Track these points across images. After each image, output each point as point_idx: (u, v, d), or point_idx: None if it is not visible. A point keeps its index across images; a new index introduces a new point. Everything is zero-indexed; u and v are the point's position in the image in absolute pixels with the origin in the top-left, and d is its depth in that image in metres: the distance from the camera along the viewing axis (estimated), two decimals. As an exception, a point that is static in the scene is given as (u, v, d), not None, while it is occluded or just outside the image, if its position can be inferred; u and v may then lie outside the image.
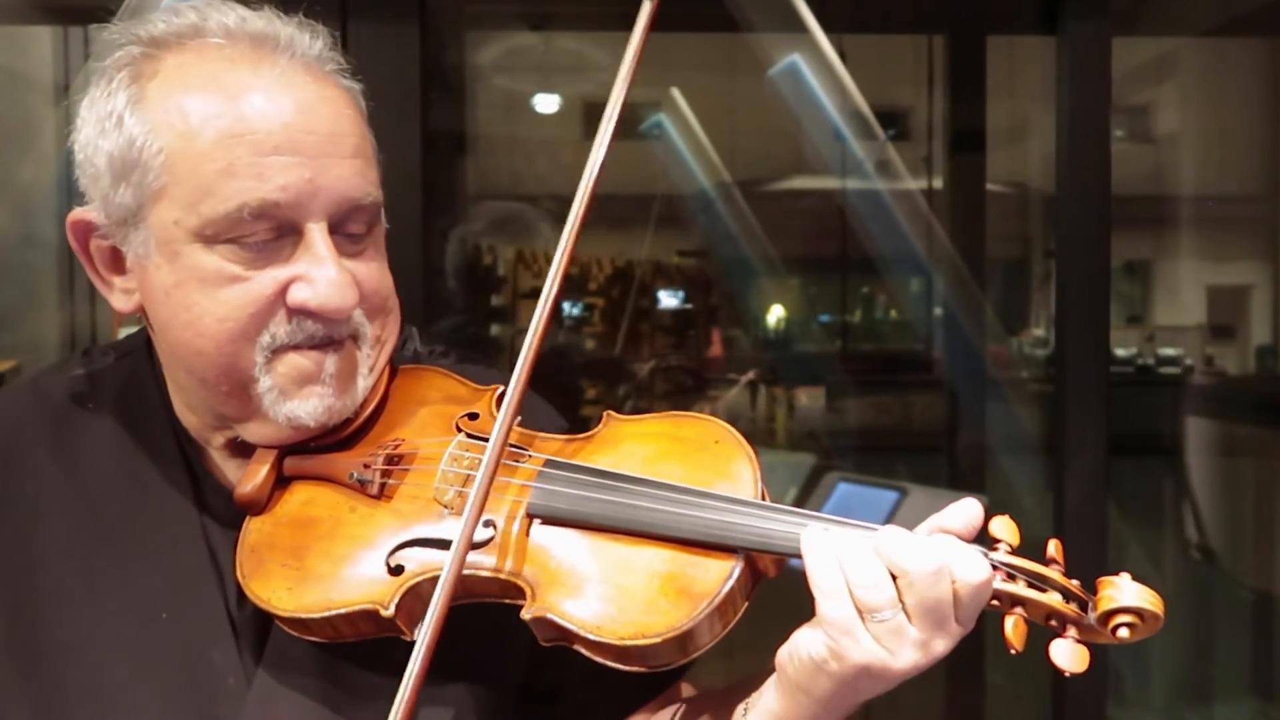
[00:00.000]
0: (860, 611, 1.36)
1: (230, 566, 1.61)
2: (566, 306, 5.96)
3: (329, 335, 1.58)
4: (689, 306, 6.49)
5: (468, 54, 4.54)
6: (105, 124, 1.55)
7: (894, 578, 1.36)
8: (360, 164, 1.59)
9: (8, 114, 3.91)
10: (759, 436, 6.26)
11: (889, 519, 1.45)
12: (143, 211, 1.53)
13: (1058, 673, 1.37)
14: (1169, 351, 8.63)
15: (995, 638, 1.38)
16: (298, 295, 1.53)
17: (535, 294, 5.62)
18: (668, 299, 6.45)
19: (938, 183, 5.44)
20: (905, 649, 1.36)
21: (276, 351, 1.56)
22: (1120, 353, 8.73)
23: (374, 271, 1.64)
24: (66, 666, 1.58)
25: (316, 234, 1.54)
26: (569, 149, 5.88)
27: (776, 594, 1.59)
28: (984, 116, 4.58)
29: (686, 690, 1.78)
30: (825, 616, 1.37)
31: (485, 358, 1.56)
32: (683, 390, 6.08)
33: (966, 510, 1.43)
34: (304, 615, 1.52)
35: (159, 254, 1.54)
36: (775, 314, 7.40)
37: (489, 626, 1.57)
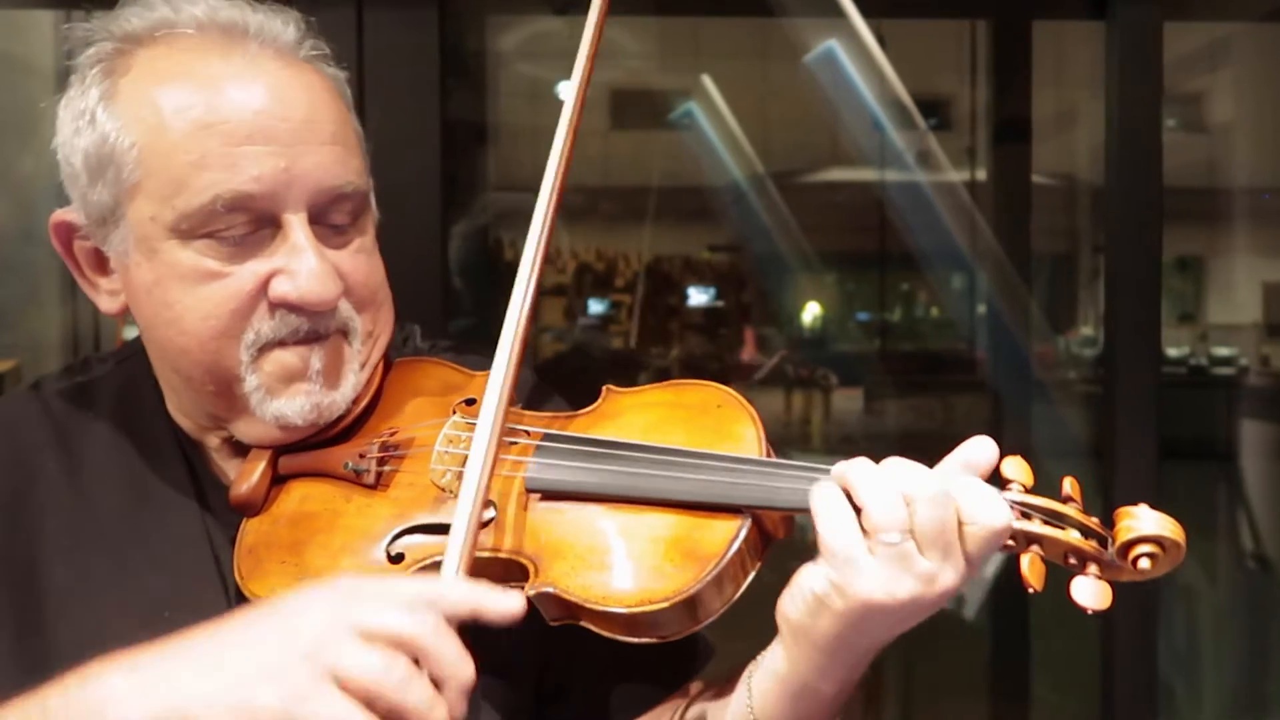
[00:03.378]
0: (867, 534, 1.37)
1: (232, 567, 1.62)
2: (592, 304, 5.97)
3: (314, 329, 1.61)
4: (720, 304, 6.48)
5: (488, 40, 4.54)
6: (79, 122, 1.59)
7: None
8: (339, 151, 1.61)
9: (6, 102, 3.92)
10: (793, 440, 6.26)
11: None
12: (120, 209, 1.57)
13: (1107, 685, 1.37)
14: (1223, 351, 8.58)
15: (1042, 652, 1.38)
16: (279, 288, 1.56)
17: (556, 290, 5.64)
18: (698, 296, 6.44)
19: (981, 174, 5.43)
20: (909, 578, 1.37)
21: (262, 349, 1.59)
22: (1172, 352, 8.68)
23: (361, 263, 1.67)
24: (70, 668, 1.59)
25: (295, 224, 1.56)
26: (595, 139, 5.87)
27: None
28: (1029, 105, 4.57)
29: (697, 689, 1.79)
30: (828, 545, 1.39)
31: (493, 351, 1.56)
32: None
33: (978, 447, 1.45)
34: None
35: (138, 251, 1.57)
36: (811, 312, 7.38)
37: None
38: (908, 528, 1.36)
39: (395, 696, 1.25)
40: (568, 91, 1.67)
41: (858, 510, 1.39)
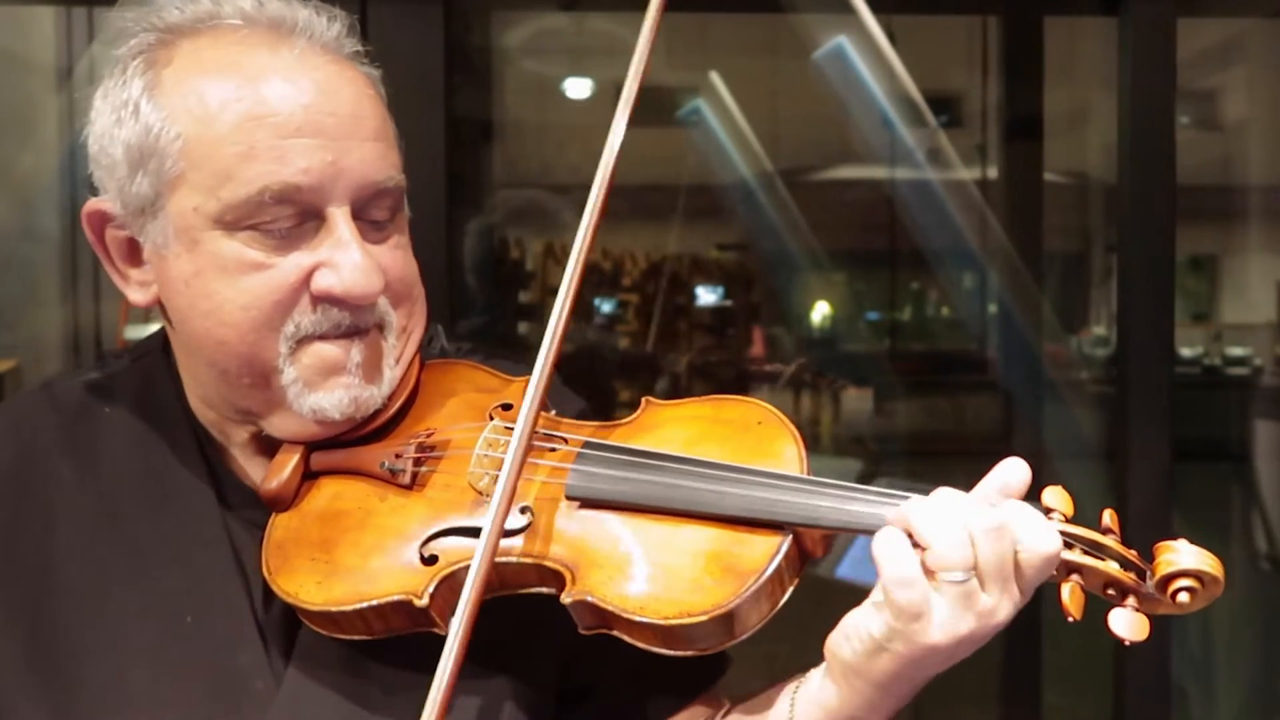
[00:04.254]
0: (931, 574, 1.37)
1: (255, 566, 1.63)
2: (599, 303, 5.96)
3: (355, 324, 1.61)
4: (729, 303, 6.47)
5: (494, 36, 4.55)
6: (121, 113, 1.58)
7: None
8: (382, 147, 1.63)
9: (7, 99, 3.92)
10: (803, 440, 6.25)
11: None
12: (161, 200, 1.56)
13: (1119, 692, 1.38)
14: (1237, 351, 8.58)
15: (1052, 655, 1.39)
16: (322, 282, 1.56)
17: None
18: (706, 295, 6.44)
19: (992, 172, 5.43)
20: (969, 616, 1.37)
21: (301, 341, 1.59)
22: (1185, 352, 8.69)
23: (399, 259, 1.67)
24: (87, 671, 1.61)
25: (340, 218, 1.57)
26: (602, 136, 5.86)
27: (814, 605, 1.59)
28: (1041, 102, 4.57)
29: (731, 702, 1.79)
30: (896, 598, 1.37)
31: (515, 355, 1.57)
32: (722, 388, 6.07)
33: (1013, 469, 1.45)
34: (333, 609, 1.53)
35: (178, 243, 1.57)
36: (820, 311, 7.39)
37: (524, 621, 1.59)
38: (972, 565, 1.36)
39: None
40: (623, 102, 1.66)
41: (916, 546, 1.39)
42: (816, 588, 1.69)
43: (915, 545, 1.38)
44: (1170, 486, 2.96)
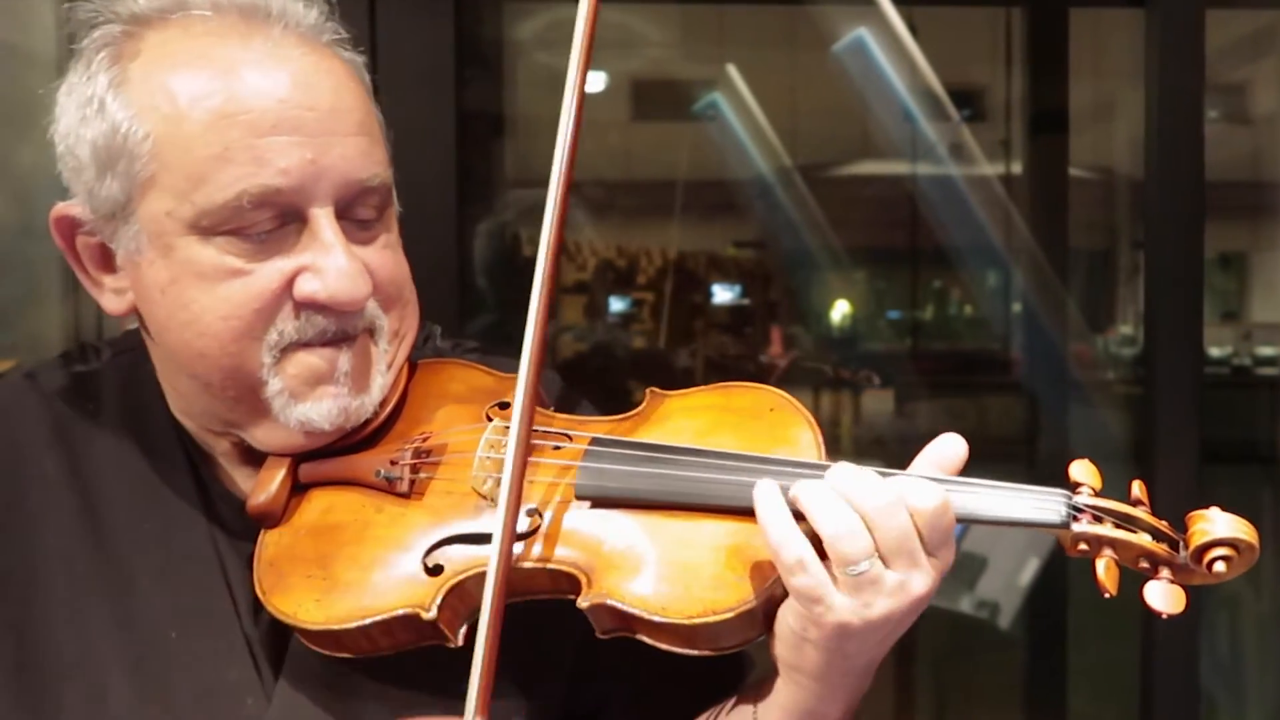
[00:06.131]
0: (830, 564, 1.36)
1: (242, 581, 1.61)
2: (613, 301, 5.96)
3: (341, 330, 1.58)
4: (746, 302, 6.46)
5: (506, 28, 4.54)
6: (86, 110, 1.54)
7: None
8: (365, 142, 1.59)
9: (5, 92, 3.91)
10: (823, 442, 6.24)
11: (963, 534, 1.45)
12: (132, 204, 1.53)
13: (1145, 699, 1.37)
14: (1267, 351, 8.58)
15: (1077, 660, 1.38)
16: (305, 288, 1.53)
17: (578, 288, 5.63)
18: (723, 293, 6.43)
19: (1016, 168, 5.42)
20: (880, 598, 1.36)
21: (285, 350, 1.56)
22: (1214, 352, 8.67)
23: (387, 259, 1.64)
24: (70, 687, 1.58)
25: (323, 219, 1.53)
26: (616, 130, 5.87)
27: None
28: (1067, 96, 4.57)
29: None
30: (793, 586, 1.38)
31: (517, 353, 1.55)
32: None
33: (949, 445, 1.47)
34: (335, 627, 1.51)
35: (152, 249, 1.53)
36: (840, 310, 7.37)
37: (534, 632, 1.57)
38: (872, 551, 1.35)
39: None
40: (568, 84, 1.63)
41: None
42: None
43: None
44: (1199, 489, 2.96)
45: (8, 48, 3.91)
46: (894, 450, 6.04)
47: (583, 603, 1.46)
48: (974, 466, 1.46)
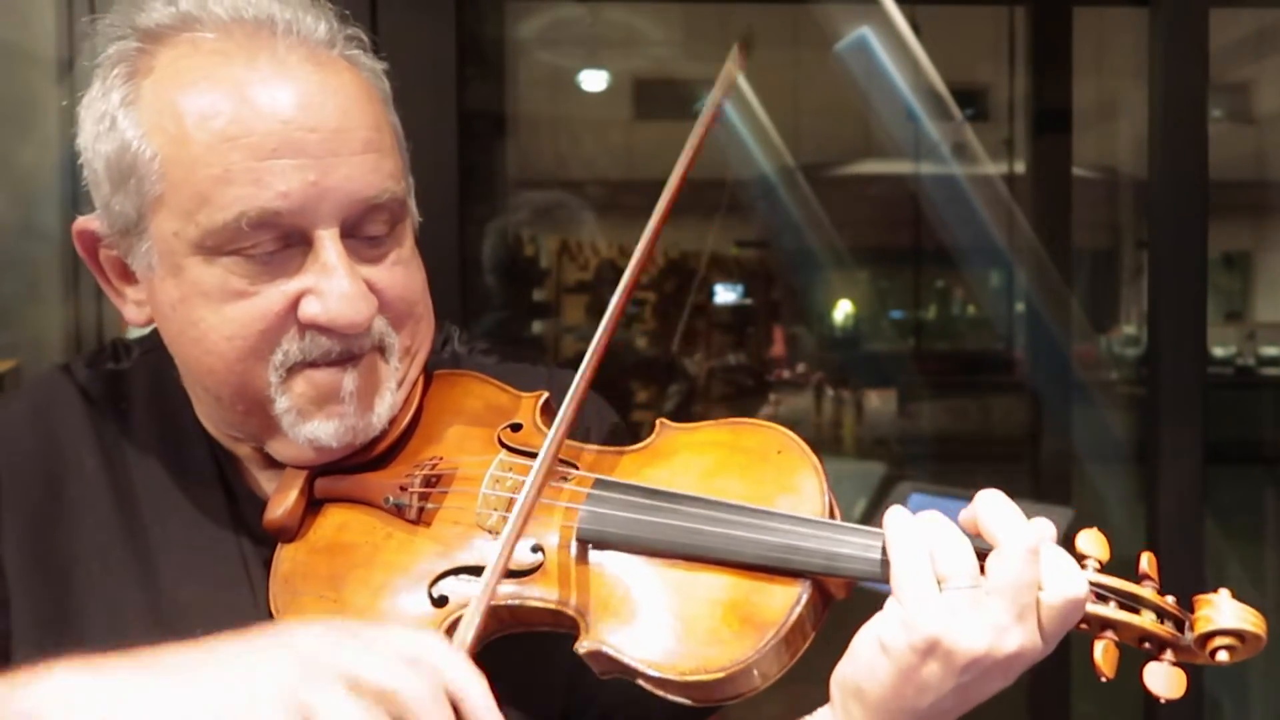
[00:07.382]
0: (941, 580, 1.35)
1: (264, 581, 1.60)
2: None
3: (347, 350, 1.56)
4: (748, 302, 6.47)
5: (508, 27, 4.54)
6: (100, 126, 1.54)
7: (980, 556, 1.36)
8: (374, 158, 1.56)
9: (6, 92, 3.91)
10: (825, 443, 6.24)
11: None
12: (144, 221, 1.53)
13: (1150, 701, 1.36)
14: (1271, 350, 8.58)
15: (1081, 664, 1.37)
16: (308, 310, 1.51)
17: (581, 287, 5.64)
18: (725, 293, 6.43)
19: (1019, 167, 5.42)
20: (976, 628, 1.34)
21: (292, 369, 1.54)
22: (1218, 352, 8.68)
23: (399, 276, 1.62)
24: None
25: (326, 241, 1.51)
26: (617, 130, 5.86)
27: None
28: (1070, 95, 4.56)
29: None
30: (899, 579, 1.37)
31: (531, 356, 1.53)
32: (742, 393, 6.06)
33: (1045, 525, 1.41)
34: None
35: (162, 266, 1.53)
36: (843, 310, 7.39)
37: (530, 654, 1.56)
38: (978, 575, 1.35)
39: None
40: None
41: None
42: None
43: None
44: (1202, 490, 2.95)
45: (8, 47, 3.91)
46: (897, 450, 6.04)
47: (580, 648, 1.44)
48: (976, 466, 1.46)
